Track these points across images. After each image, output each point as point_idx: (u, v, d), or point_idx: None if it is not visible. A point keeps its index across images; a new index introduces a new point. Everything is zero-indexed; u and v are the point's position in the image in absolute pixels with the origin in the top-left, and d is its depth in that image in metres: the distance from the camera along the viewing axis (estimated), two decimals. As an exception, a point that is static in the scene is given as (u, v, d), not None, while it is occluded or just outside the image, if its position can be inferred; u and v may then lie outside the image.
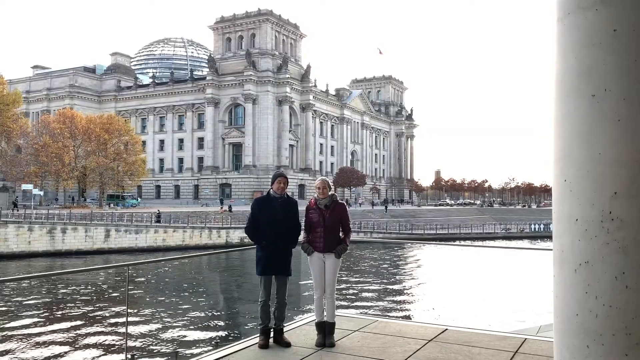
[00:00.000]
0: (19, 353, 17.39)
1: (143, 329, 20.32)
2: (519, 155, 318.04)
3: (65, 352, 17.54)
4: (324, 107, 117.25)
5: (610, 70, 2.37)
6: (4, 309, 24.44)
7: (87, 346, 18.22)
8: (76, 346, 18.22)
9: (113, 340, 18.98)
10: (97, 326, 21.02)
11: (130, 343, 17.64)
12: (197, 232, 55.55)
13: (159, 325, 20.94)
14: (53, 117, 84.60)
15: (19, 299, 26.54)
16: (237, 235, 55.87)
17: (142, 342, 18.46)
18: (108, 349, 17.94)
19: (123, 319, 21.26)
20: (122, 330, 19.86)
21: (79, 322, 21.67)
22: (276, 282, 6.41)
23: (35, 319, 22.19)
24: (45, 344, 18.51)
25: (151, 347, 18.08)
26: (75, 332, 20.05)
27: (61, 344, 18.50)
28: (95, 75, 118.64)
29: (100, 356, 17.24)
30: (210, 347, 16.20)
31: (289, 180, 7.22)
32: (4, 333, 19.92)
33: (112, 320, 22.12)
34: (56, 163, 72.18)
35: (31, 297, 27.23)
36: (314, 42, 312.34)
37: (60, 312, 23.69)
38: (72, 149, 74.94)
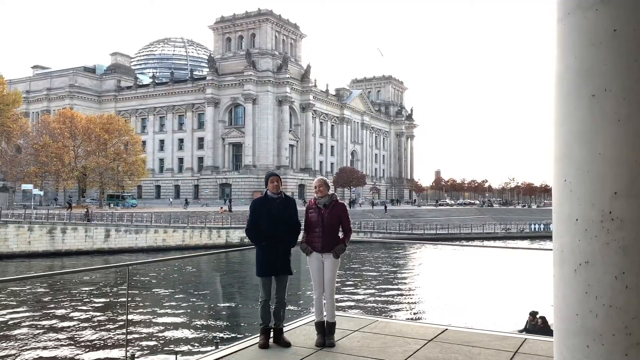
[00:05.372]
0: (19, 353, 17.39)
1: (143, 329, 20.32)
2: (519, 155, 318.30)
3: (66, 352, 17.54)
4: (324, 107, 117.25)
5: (610, 70, 2.37)
6: (4, 308, 24.43)
7: (87, 346, 18.22)
8: (76, 346, 18.22)
9: (113, 340, 18.98)
10: (97, 326, 21.02)
11: (131, 343, 17.65)
12: (197, 232, 55.54)
13: (159, 325, 20.94)
14: (53, 117, 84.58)
15: (19, 299, 26.54)
16: (237, 235, 55.85)
17: (142, 342, 18.46)
18: (108, 349, 17.95)
19: (123, 319, 21.28)
20: (122, 330, 19.88)
21: (79, 322, 21.68)
22: (276, 282, 6.41)
23: (35, 319, 22.19)
24: (46, 344, 18.51)
25: (151, 347, 18.08)
26: (75, 332, 20.06)
27: (61, 344, 18.50)
28: (95, 75, 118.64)
29: (100, 356, 17.24)
30: (210, 347, 16.19)
31: (289, 180, 7.23)
32: (4, 333, 19.92)
33: (112, 320, 22.13)
34: (56, 163, 72.14)
35: (31, 297, 27.23)
36: (314, 42, 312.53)
37: (60, 312, 23.69)
38: (72, 149, 74.90)
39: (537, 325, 12.85)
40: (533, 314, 13.49)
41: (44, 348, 18.01)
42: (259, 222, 6.38)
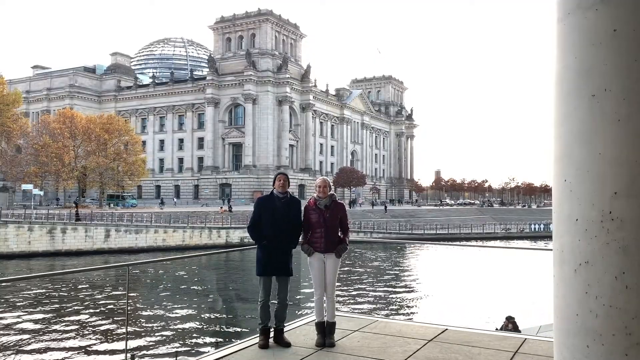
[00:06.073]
0: (19, 353, 17.39)
1: (143, 329, 20.33)
2: (519, 155, 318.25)
3: (66, 352, 17.54)
4: (324, 107, 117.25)
5: (610, 70, 2.37)
6: (4, 309, 24.43)
7: (87, 346, 18.22)
8: (76, 346, 18.22)
9: (113, 340, 18.98)
10: (97, 326, 21.02)
11: (131, 343, 17.65)
12: (197, 232, 55.51)
13: (159, 325, 20.94)
14: (53, 117, 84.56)
15: (19, 299, 26.53)
16: (237, 235, 55.85)
17: (142, 342, 18.46)
18: (108, 349, 17.95)
19: (123, 319, 21.27)
20: (123, 330, 19.88)
21: (79, 322, 21.67)
22: (277, 283, 6.40)
23: (35, 319, 22.18)
24: (45, 344, 18.50)
25: (151, 347, 18.08)
26: (75, 332, 20.06)
27: (61, 344, 18.50)
28: (95, 75, 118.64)
29: (100, 356, 17.24)
30: (210, 347, 16.22)
31: (289, 180, 7.18)
32: (4, 333, 19.91)
33: (112, 321, 22.13)
34: (56, 163, 72.11)
35: (31, 297, 27.23)
36: (314, 42, 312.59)
37: (60, 312, 23.69)
38: (72, 149, 74.86)
39: (509, 330, 13.24)
40: (509, 318, 13.81)
41: (44, 348, 18.01)
42: (262, 221, 6.38)
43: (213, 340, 18.59)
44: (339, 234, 6.47)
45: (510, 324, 13.71)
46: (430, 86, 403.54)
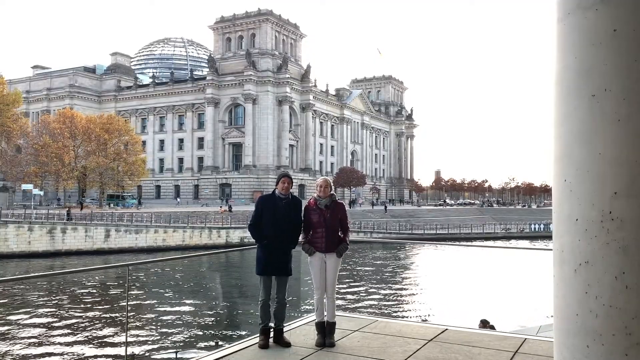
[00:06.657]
0: (19, 353, 17.40)
1: (143, 328, 20.33)
2: (519, 155, 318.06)
3: (66, 352, 17.55)
4: (324, 107, 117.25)
5: (610, 70, 2.37)
6: (4, 308, 24.43)
7: (87, 346, 18.22)
8: (76, 346, 18.23)
9: (113, 340, 18.99)
10: (97, 326, 21.03)
11: (131, 343, 17.65)
12: (197, 232, 55.53)
13: (159, 325, 20.95)
14: (53, 117, 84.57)
15: (19, 299, 26.54)
16: (237, 235, 55.86)
17: (142, 341, 18.47)
18: (108, 348, 17.95)
19: (123, 319, 21.28)
20: (122, 330, 19.88)
21: (79, 322, 21.69)
22: (276, 282, 6.40)
23: (35, 319, 22.19)
24: (46, 343, 18.51)
25: (151, 346, 18.09)
26: (75, 332, 20.07)
27: (61, 343, 18.51)
28: (95, 75, 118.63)
29: (100, 356, 17.25)
30: (210, 347, 16.19)
31: (289, 180, 7.16)
32: (4, 333, 19.92)
33: (113, 320, 22.13)
34: (56, 163, 72.13)
35: (31, 297, 27.23)
36: (314, 42, 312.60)
37: (60, 312, 23.69)
38: (72, 149, 74.88)
39: None
40: (484, 322, 13.70)
41: (45, 348, 18.01)
42: (262, 220, 6.38)
43: (213, 340, 18.58)
44: (340, 234, 6.47)
45: (488, 327, 13.56)
46: (430, 86, 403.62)
